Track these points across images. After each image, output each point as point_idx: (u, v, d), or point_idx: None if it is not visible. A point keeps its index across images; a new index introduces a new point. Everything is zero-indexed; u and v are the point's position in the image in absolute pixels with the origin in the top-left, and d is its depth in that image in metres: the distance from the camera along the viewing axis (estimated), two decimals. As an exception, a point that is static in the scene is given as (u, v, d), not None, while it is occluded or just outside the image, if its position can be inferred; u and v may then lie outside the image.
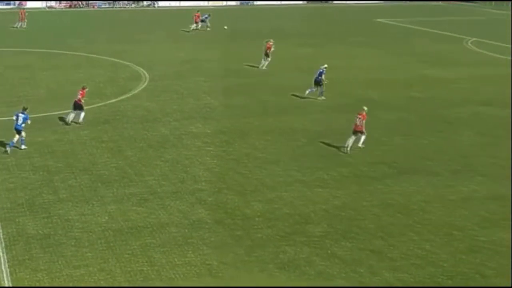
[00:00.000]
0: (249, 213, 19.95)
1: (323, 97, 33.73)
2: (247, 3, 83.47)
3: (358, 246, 18.01)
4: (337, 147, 26.21)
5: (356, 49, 49.87)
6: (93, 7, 77.81)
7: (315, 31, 59.22)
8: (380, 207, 20.62)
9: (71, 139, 26.50)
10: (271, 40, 41.75)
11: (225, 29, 56.96)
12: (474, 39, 55.46)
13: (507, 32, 60.03)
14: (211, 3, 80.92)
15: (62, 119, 28.88)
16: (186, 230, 18.68)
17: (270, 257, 17.25)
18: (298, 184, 22.29)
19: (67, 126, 28.09)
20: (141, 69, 40.41)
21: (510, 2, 76.96)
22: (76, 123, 28.36)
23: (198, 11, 60.70)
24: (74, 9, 76.31)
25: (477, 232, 19.01)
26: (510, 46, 51.72)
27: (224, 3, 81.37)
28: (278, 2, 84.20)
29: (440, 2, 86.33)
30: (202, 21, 58.87)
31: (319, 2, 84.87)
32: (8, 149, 24.72)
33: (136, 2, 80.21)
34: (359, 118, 25.82)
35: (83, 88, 28.86)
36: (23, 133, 25.06)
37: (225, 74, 40.01)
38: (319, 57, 45.87)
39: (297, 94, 34.73)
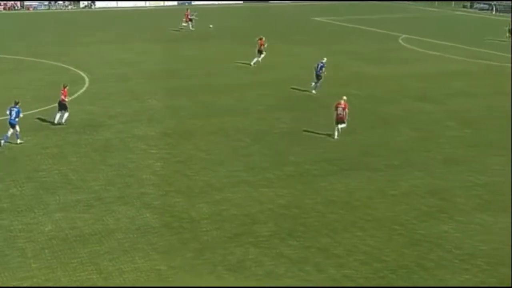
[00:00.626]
0: (196, 215, 19.65)
1: (314, 91, 35.11)
2: (185, 3, 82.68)
3: (304, 244, 17.97)
4: (281, 147, 26.17)
5: (296, 48, 50.07)
6: (29, 9, 75.49)
7: (255, 30, 59.11)
8: (324, 205, 20.67)
9: (12, 146, 25.54)
10: (263, 37, 42.48)
11: (210, 27, 57.08)
12: (405, 36, 56.49)
13: (436, 28, 61.39)
14: (148, 3, 79.83)
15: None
16: (134, 236, 18.23)
17: (219, 259, 17.02)
18: (244, 185, 22.11)
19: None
20: (83, 72, 39.41)
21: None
22: (60, 124, 27.95)
23: (187, 9, 60.85)
24: (11, 12, 73.89)
25: (417, 226, 19.26)
26: (438, 42, 52.97)
27: (162, 3, 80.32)
28: (216, 2, 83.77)
29: (374, 2, 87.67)
30: (190, 20, 58.27)
31: (257, 1, 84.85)
32: (1, 142, 25.26)
33: (73, 3, 78.26)
34: (341, 107, 27.25)
35: (64, 87, 28.30)
36: (17, 127, 25.37)
37: (168, 75, 39.47)
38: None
39: (238, 93, 34.61)
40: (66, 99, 28.11)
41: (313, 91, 35.24)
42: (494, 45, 51.58)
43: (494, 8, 77.06)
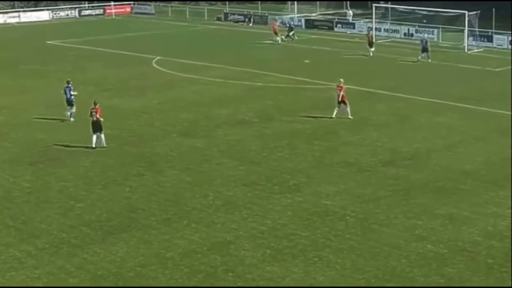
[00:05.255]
0: None
1: (429, 60, 53.43)
2: None
3: None
4: (28, 213, 24.63)
5: (29, 82, 47.99)
6: None
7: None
8: (91, 281, 19.86)
9: None
10: (370, 32, 60.40)
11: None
12: (159, 57, 57.30)
13: (192, 47, 63.35)
14: None
15: None
16: None
17: None
18: (-16, 271, 20.35)
19: None
20: None
21: None
22: (101, 147, 31.39)
23: (275, 20, 69.42)
24: None
25: (204, 292, 19.31)
26: (196, 62, 54.70)
27: None
28: None
29: (113, 16, 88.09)
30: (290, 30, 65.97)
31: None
32: (68, 114, 36.14)
33: None
34: (339, 89, 35.41)
35: (95, 104, 32.36)
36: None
37: None
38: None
39: None
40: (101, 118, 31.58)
41: (429, 60, 53.32)
42: (253, 63, 54.20)
43: (251, 20, 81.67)
